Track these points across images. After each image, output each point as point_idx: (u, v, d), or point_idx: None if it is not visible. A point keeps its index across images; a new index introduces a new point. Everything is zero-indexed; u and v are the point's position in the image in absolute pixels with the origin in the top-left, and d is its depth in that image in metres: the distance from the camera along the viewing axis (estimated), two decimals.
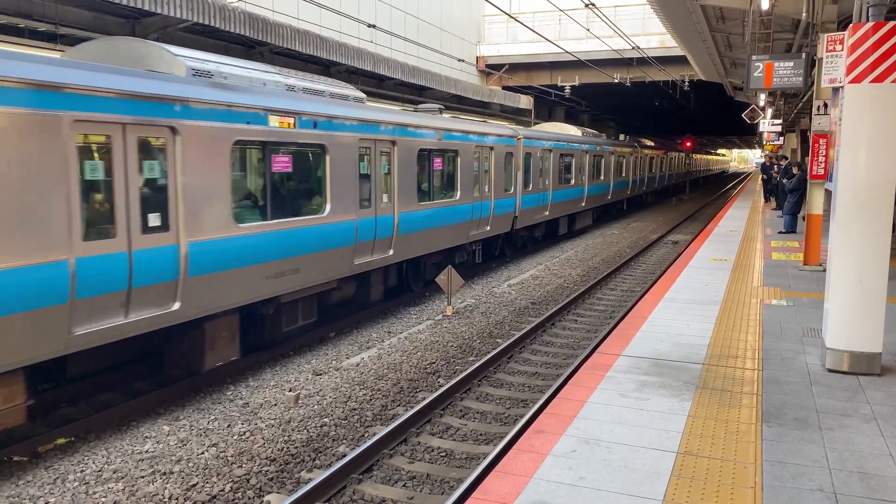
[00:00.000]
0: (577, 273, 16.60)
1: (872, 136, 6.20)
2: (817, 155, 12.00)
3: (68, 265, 6.32)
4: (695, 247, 15.40)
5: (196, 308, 7.75)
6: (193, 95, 7.59)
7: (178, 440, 6.96)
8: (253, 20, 14.39)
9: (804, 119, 27.89)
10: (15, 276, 5.92)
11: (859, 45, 6.14)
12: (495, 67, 32.62)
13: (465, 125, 14.97)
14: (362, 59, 18.76)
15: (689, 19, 16.15)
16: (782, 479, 4.49)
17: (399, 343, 10.36)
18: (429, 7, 28.17)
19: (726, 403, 5.82)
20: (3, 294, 5.83)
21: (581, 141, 23.56)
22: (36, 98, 6.02)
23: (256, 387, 8.58)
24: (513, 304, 13.14)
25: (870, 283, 6.29)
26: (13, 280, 5.91)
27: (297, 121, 9.21)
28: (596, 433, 5.22)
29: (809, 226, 12.37)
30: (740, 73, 22.00)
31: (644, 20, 28.98)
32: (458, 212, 14.28)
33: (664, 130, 63.44)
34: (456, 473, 6.33)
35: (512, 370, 9.34)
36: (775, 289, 10.63)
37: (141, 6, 11.76)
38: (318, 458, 6.66)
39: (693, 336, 7.92)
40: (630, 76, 30.04)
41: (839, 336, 6.55)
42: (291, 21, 16.92)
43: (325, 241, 9.89)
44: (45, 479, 6.16)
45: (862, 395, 6.05)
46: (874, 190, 6.23)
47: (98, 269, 6.61)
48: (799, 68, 11.27)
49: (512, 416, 7.72)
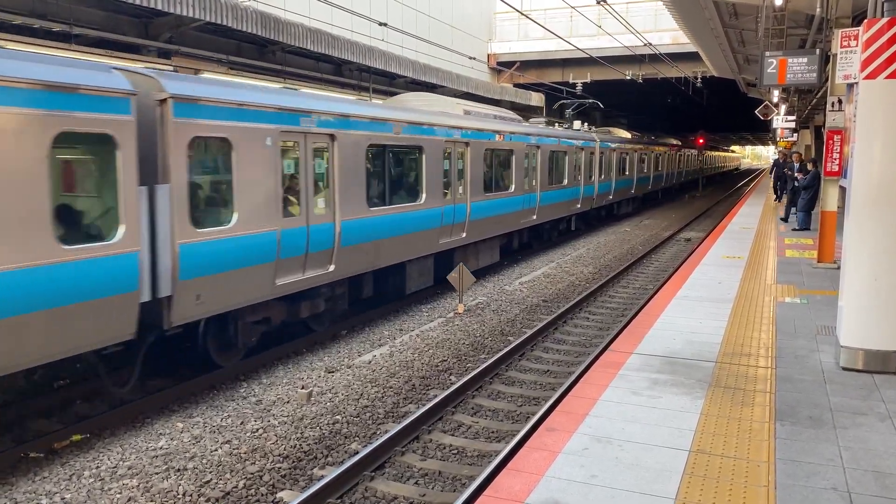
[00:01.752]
0: (588, 271, 16.56)
1: (887, 132, 6.15)
2: (831, 151, 11.91)
3: (276, 234, 8.66)
4: (707, 244, 15.32)
5: (344, 270, 10.07)
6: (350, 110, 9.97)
7: (191, 437, 7.01)
8: (265, 19, 14.45)
9: (818, 115, 27.66)
10: (252, 240, 8.26)
11: (874, 40, 6.08)
12: (506, 65, 32.56)
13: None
14: (374, 58, 18.79)
15: (702, 15, 16.06)
16: (796, 477, 4.47)
17: (411, 341, 10.38)
18: (440, 5, 28.16)
19: (739, 402, 5.79)
20: (248, 252, 8.19)
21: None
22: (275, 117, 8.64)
23: (269, 384, 8.63)
24: (524, 301, 13.13)
25: (885, 280, 6.24)
26: (255, 242, 8.29)
27: (404, 128, 11.68)
28: (608, 431, 5.21)
29: (823, 223, 12.27)
30: (753, 70, 21.87)
31: (656, 16, 28.82)
32: (514, 202, 16.72)
33: (677, 127, 63.08)
34: (468, 471, 6.34)
35: (524, 368, 9.34)
36: (789, 286, 10.56)
37: (154, 6, 11.84)
38: (330, 456, 6.69)
39: (706, 334, 7.88)
40: (642, 73, 29.89)
41: (854, 334, 6.50)
42: (303, 20, 16.96)
43: (423, 223, 12.21)
44: (61, 476, 6.22)
45: (877, 393, 6.00)
46: (889, 187, 6.17)
47: (291, 239, 8.90)
48: (813, 64, 11.18)
49: (523, 414, 7.72)
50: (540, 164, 18.36)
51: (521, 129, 17.50)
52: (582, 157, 22.33)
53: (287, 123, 8.95)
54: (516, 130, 16.91)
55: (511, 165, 16.58)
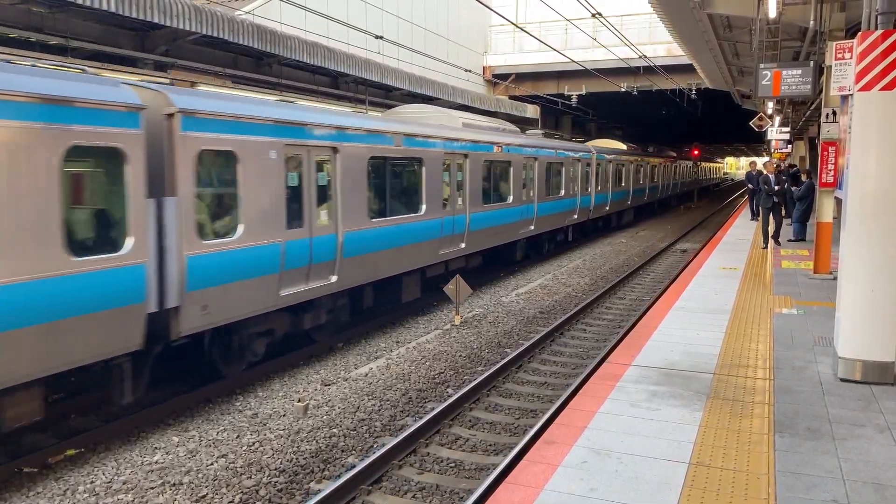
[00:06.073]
0: (585, 282, 16.55)
1: (882, 143, 6.18)
2: (826, 163, 11.96)
3: (280, 246, 8.76)
4: (703, 255, 15.34)
5: (346, 281, 10.13)
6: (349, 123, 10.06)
7: (187, 451, 6.96)
8: (261, 32, 14.48)
9: (812, 127, 27.79)
10: (257, 251, 8.35)
11: (868, 52, 6.12)
12: (502, 77, 32.68)
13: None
14: (370, 70, 18.85)
15: (696, 28, 16.15)
16: (796, 489, 4.45)
17: (407, 353, 10.34)
18: (436, 18, 28.29)
19: (738, 413, 5.78)
20: (253, 263, 8.29)
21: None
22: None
23: (265, 397, 8.58)
24: (521, 313, 13.11)
25: (882, 291, 6.25)
26: (260, 253, 8.38)
27: (404, 140, 11.78)
28: (607, 444, 5.19)
29: (819, 234, 12.30)
30: (748, 82, 21.97)
31: (651, 29, 28.98)
32: (513, 213, 16.97)
33: (671, 139, 63.34)
34: (465, 484, 6.30)
35: (521, 380, 9.31)
36: (785, 297, 10.57)
37: (150, 19, 11.86)
38: (327, 469, 6.64)
39: (703, 345, 7.88)
40: (637, 85, 30.02)
41: (851, 345, 6.51)
42: (299, 33, 17.01)
43: (423, 234, 12.35)
44: (56, 491, 6.16)
45: (875, 404, 5.99)
46: (884, 198, 6.19)
47: (295, 250, 9.01)
48: (807, 76, 11.25)
49: (521, 427, 7.68)
50: (537, 175, 18.45)
51: (519, 140, 17.60)
52: (579, 168, 22.53)
53: (291, 136, 9.05)
54: (514, 142, 17.02)
55: (509, 177, 16.66)
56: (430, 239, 12.82)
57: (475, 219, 14.60)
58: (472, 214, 14.46)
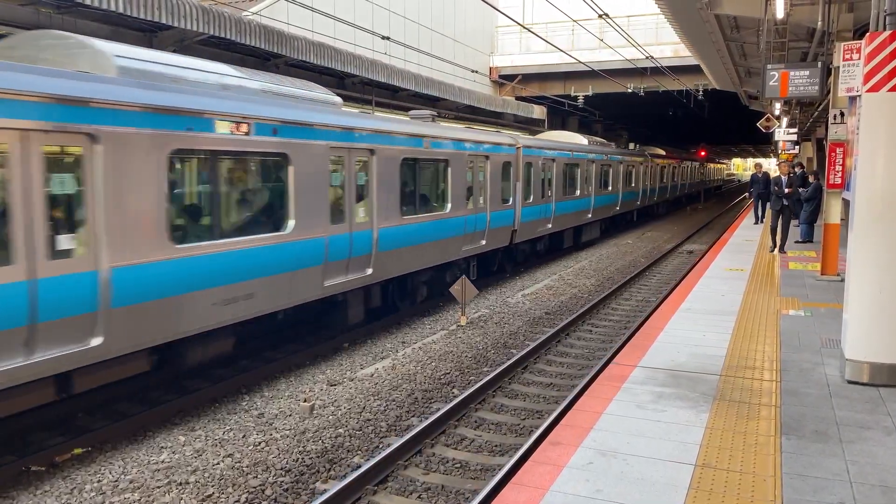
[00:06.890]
0: (591, 283, 16.53)
1: (890, 145, 6.15)
2: (834, 164, 11.91)
3: (324, 241, 9.61)
4: (710, 257, 15.30)
5: (380, 273, 10.87)
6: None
7: (193, 450, 6.98)
8: (268, 33, 14.51)
9: (820, 128, 27.67)
10: (299, 246, 9.06)
11: (877, 53, 6.10)
12: (508, 78, 32.68)
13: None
14: (376, 71, 18.86)
15: (703, 29, 16.11)
16: (802, 492, 4.43)
17: (413, 353, 10.35)
18: (442, 19, 28.31)
19: (744, 415, 5.76)
20: (300, 256, 9.09)
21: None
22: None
23: (271, 397, 8.60)
24: (527, 314, 13.10)
25: (889, 292, 6.22)
26: (300, 248, 9.11)
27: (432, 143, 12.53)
28: (612, 445, 5.18)
29: (827, 235, 12.25)
30: (755, 82, 21.90)
31: (657, 30, 28.95)
32: (532, 212, 17.45)
33: (678, 139, 63.20)
34: (471, 485, 6.30)
35: (527, 381, 9.30)
36: (792, 299, 10.53)
37: (158, 19, 11.90)
38: (332, 469, 6.66)
39: (710, 347, 7.85)
40: (644, 86, 29.96)
41: (859, 347, 6.48)
42: (306, 33, 17.04)
43: (449, 230, 13.11)
44: (62, 489, 6.19)
45: (883, 406, 5.97)
46: (892, 199, 6.17)
47: (337, 244, 9.80)
48: (815, 77, 11.21)
49: (527, 428, 7.68)
50: (555, 176, 19.05)
51: (540, 143, 18.72)
52: (593, 169, 22.87)
53: (335, 140, 9.81)
54: (533, 145, 17.93)
55: (529, 177, 17.15)
56: (455, 236, 13.68)
57: (495, 217, 15.37)
58: (493, 213, 15.25)
